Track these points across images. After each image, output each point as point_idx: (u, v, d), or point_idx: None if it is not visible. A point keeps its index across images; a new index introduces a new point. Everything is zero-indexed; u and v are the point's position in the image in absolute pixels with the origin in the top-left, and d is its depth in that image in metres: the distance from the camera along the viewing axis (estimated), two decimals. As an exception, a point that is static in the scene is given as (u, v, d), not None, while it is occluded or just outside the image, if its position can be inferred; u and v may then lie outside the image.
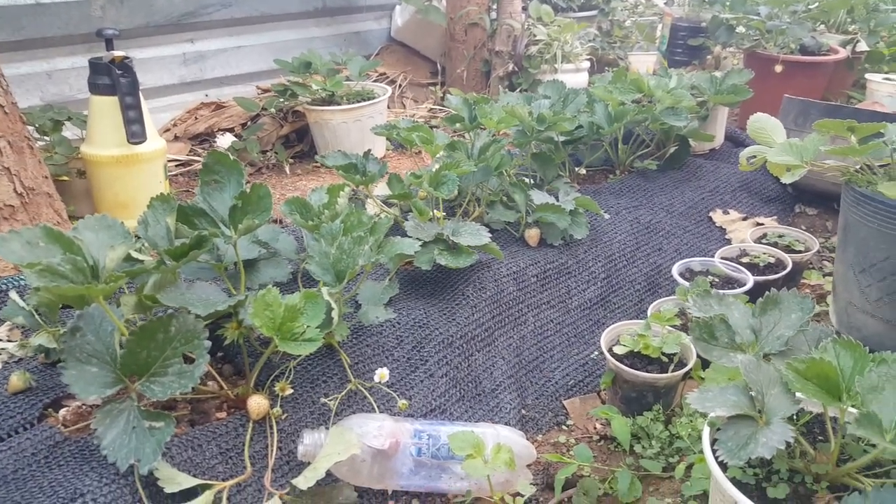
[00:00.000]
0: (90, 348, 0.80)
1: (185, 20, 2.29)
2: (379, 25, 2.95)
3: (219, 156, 0.97)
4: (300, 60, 2.14)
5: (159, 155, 1.59)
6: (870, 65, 2.68)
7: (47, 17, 1.97)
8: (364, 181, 1.34)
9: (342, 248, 0.97)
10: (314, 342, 0.87)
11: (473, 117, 1.59)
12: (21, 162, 1.24)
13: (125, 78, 1.47)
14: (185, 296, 0.88)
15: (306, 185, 2.04)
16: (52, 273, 0.71)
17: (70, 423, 0.91)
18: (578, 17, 3.05)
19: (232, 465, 0.90)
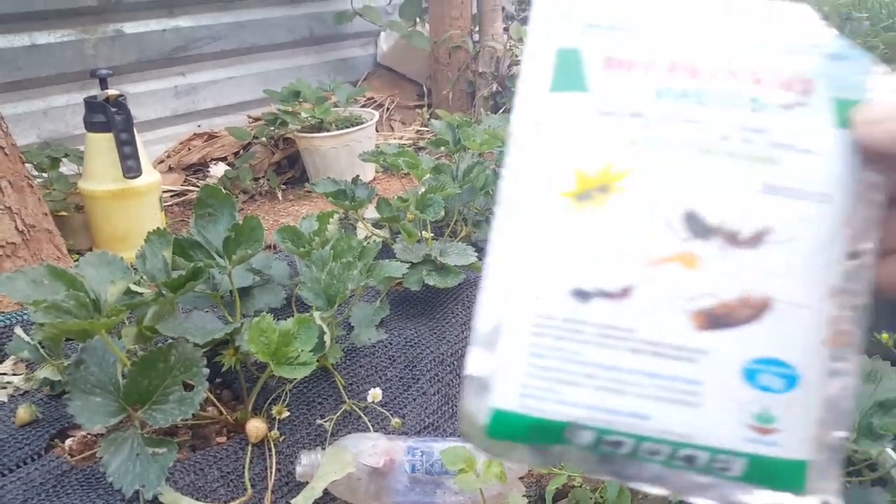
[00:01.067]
0: (94, 379, 0.84)
1: (176, 54, 2.35)
2: (365, 52, 3.02)
3: (211, 190, 1.01)
4: (289, 89, 2.20)
5: (155, 188, 1.64)
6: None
7: (42, 57, 2.02)
8: (353, 206, 1.38)
9: (332, 274, 1.01)
10: (308, 366, 0.91)
11: (458, 140, 1.64)
12: (21, 200, 1.28)
13: (119, 115, 1.52)
14: (183, 325, 0.92)
15: (299, 211, 2.09)
16: (57, 309, 0.75)
17: (76, 452, 0.95)
18: (560, 36, 3.12)
19: (233, 487, 0.93)
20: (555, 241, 0.28)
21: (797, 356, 0.27)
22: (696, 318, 0.27)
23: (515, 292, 0.28)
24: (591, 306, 0.27)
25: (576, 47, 0.29)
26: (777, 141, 0.28)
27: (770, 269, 0.27)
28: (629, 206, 0.28)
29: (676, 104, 0.28)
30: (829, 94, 0.28)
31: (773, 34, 0.29)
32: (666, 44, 0.29)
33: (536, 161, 0.29)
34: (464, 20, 2.70)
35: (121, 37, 2.20)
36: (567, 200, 0.28)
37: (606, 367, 0.27)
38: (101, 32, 2.16)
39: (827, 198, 0.27)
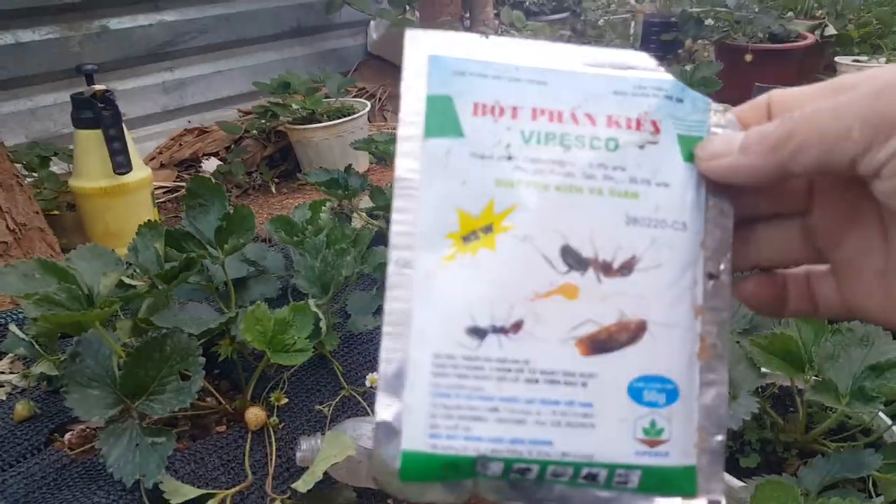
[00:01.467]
0: (90, 372, 0.84)
1: (164, 49, 2.34)
2: (355, 41, 3.01)
3: (202, 180, 1.01)
4: (279, 81, 2.19)
5: (146, 183, 1.64)
6: (840, 48, 2.74)
7: (28, 55, 2.01)
8: (346, 196, 1.38)
9: (326, 261, 1.02)
10: (305, 352, 0.91)
11: (449, 126, 1.64)
12: (12, 199, 1.28)
13: (107, 111, 1.51)
14: (178, 316, 0.93)
15: (293, 203, 2.08)
16: (50, 302, 0.75)
17: (76, 445, 0.95)
18: (551, 20, 3.11)
19: (234, 474, 0.93)
20: (446, 283, 0.29)
21: (674, 371, 0.30)
22: (581, 345, 0.29)
23: (414, 335, 0.29)
24: (486, 343, 0.29)
25: (447, 94, 0.30)
26: (635, 176, 0.30)
27: (642, 294, 0.30)
28: (512, 245, 0.29)
29: (543, 147, 0.30)
30: (675, 131, 0.31)
31: (622, 80, 0.31)
32: (528, 90, 0.31)
33: (421, 205, 0.30)
34: (454, 6, 2.69)
35: (106, 33, 2.19)
36: (453, 242, 0.30)
37: (507, 400, 0.29)
38: (86, 29, 2.14)
39: (683, 226, 0.30)
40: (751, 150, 0.28)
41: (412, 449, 0.29)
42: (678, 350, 0.30)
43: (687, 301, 0.30)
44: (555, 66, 0.31)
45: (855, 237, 0.31)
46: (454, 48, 0.31)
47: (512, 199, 0.30)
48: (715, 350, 0.30)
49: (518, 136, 0.30)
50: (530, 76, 0.31)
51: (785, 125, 0.27)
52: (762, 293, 0.34)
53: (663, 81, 0.31)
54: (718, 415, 0.30)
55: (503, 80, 0.31)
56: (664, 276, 0.30)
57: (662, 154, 0.31)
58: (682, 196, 0.30)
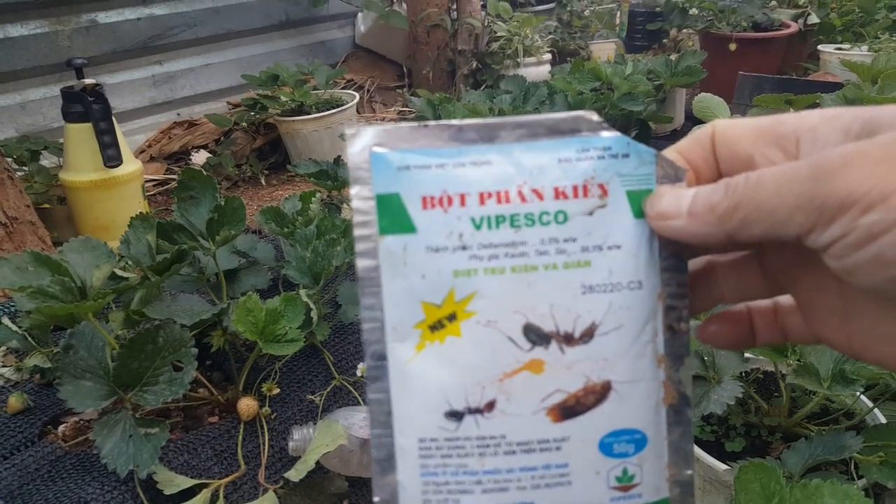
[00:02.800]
0: (83, 364, 0.85)
1: (152, 43, 2.33)
2: (343, 33, 3.00)
3: (193, 172, 1.01)
4: (267, 74, 2.19)
5: (136, 176, 1.64)
6: (823, 36, 2.76)
7: (16, 50, 2.00)
8: (335, 186, 1.39)
9: (317, 252, 1.02)
10: (296, 342, 0.92)
11: (438, 116, 1.65)
12: (3, 193, 1.28)
13: (97, 105, 1.51)
14: (170, 308, 0.93)
15: (283, 195, 2.09)
16: (43, 294, 0.76)
17: (69, 438, 0.96)
18: (537, 11, 3.11)
19: (227, 464, 0.94)
20: (420, 371, 0.31)
21: (641, 421, 0.32)
22: (552, 413, 0.31)
23: (398, 423, 0.32)
24: (465, 423, 0.31)
25: (395, 191, 0.31)
26: (586, 245, 0.31)
27: (605, 357, 0.31)
28: (476, 330, 0.31)
29: (494, 232, 0.31)
30: (623, 188, 0.31)
31: (566, 145, 0.31)
32: (473, 174, 0.31)
33: (386, 301, 0.31)
34: (440, -2, 2.69)
35: (95, 27, 2.18)
36: (421, 331, 0.31)
37: (489, 472, 0.31)
38: (75, 23, 2.13)
39: (638, 284, 0.31)
40: (698, 217, 0.28)
41: None
42: (644, 401, 0.31)
43: (649, 354, 0.31)
44: (499, 142, 0.31)
45: (810, 278, 0.31)
46: (395, 141, 0.32)
47: (471, 287, 0.31)
48: (679, 393, 0.32)
49: (469, 224, 0.31)
50: (474, 158, 0.31)
51: (730, 197, 0.27)
52: (726, 332, 0.35)
53: (607, 139, 0.31)
54: (686, 451, 0.32)
55: (447, 167, 0.31)
56: (625, 336, 0.31)
57: (612, 216, 0.31)
58: (635, 255, 0.31)
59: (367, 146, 0.31)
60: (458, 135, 0.32)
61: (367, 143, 0.31)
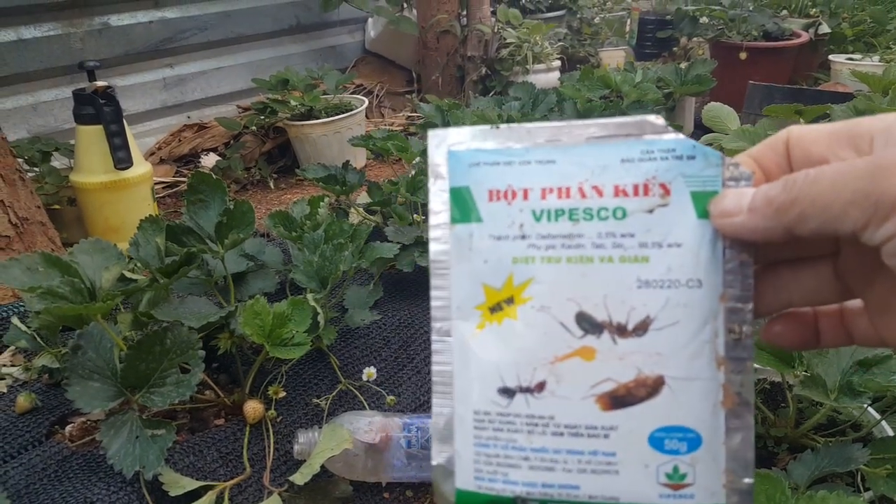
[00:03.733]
0: (91, 364, 0.85)
1: (164, 46, 2.35)
2: (353, 39, 3.01)
3: (202, 176, 1.02)
4: (277, 78, 2.20)
5: (146, 179, 1.65)
6: (834, 46, 2.75)
7: (29, 52, 2.02)
8: (344, 191, 1.39)
9: (324, 256, 1.03)
10: (303, 346, 0.92)
11: (447, 123, 1.65)
12: (14, 194, 1.29)
13: (108, 107, 1.52)
14: (178, 310, 0.94)
15: (291, 199, 2.09)
16: (53, 295, 0.76)
17: (76, 438, 0.96)
18: (547, 18, 3.12)
19: (232, 467, 0.95)
20: (479, 349, 0.34)
21: (696, 421, 0.32)
22: (601, 401, 0.32)
23: (457, 394, 0.34)
24: (516, 401, 0.33)
25: (466, 185, 0.34)
26: (644, 241, 0.32)
27: (659, 352, 0.32)
28: (531, 314, 0.33)
29: (553, 224, 0.33)
30: (688, 189, 0.32)
31: (629, 147, 0.33)
32: (537, 171, 0.34)
33: (453, 282, 0.35)
34: (451, 4, 2.70)
35: (107, 29, 2.19)
36: (481, 312, 0.34)
37: (537, 450, 0.33)
38: (88, 25, 2.15)
39: (698, 282, 0.32)
40: (757, 212, 0.29)
41: (463, 488, 0.34)
42: (699, 401, 0.32)
43: (707, 354, 0.32)
44: (563, 143, 0.33)
45: (885, 278, 0.30)
46: (469, 141, 0.35)
47: (528, 274, 0.33)
48: (739, 398, 0.31)
49: (529, 216, 0.33)
50: (539, 157, 0.34)
51: (788, 191, 0.28)
52: (791, 333, 0.34)
53: (671, 141, 0.32)
54: (745, 458, 0.32)
55: (514, 164, 0.34)
56: (681, 333, 0.31)
57: (674, 215, 0.32)
58: (695, 254, 0.32)
59: (444, 145, 0.35)
60: (526, 136, 0.34)
61: (444, 142, 0.35)
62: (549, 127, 0.34)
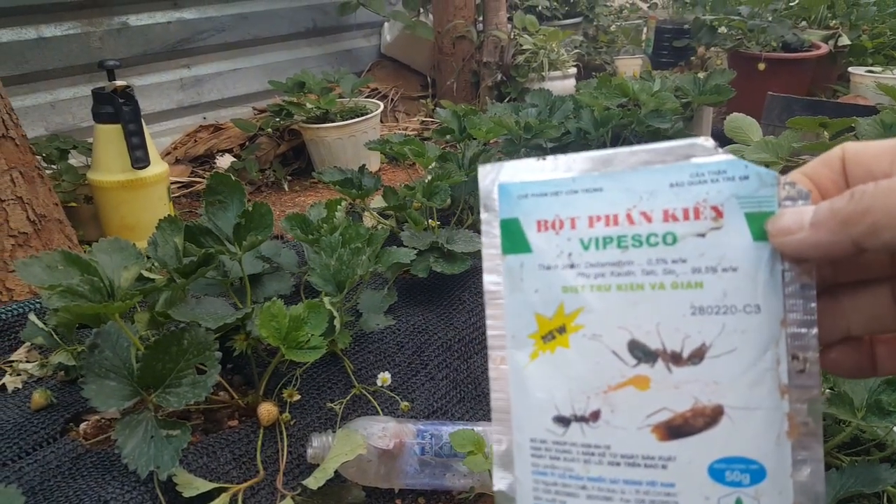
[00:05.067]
0: (108, 363, 0.85)
1: (181, 47, 2.36)
2: (369, 42, 3.02)
3: (221, 177, 1.02)
4: (294, 80, 2.20)
5: (163, 178, 1.65)
6: (853, 58, 2.73)
7: (49, 50, 2.03)
8: (360, 195, 1.39)
9: (341, 260, 1.02)
10: (319, 349, 0.92)
11: (463, 128, 1.64)
12: (33, 191, 1.29)
13: (127, 106, 1.53)
14: (195, 311, 0.94)
15: (305, 201, 2.10)
16: (73, 294, 0.76)
17: (91, 436, 0.96)
18: (563, 25, 3.11)
19: (245, 469, 0.94)
20: (533, 377, 0.34)
21: (759, 452, 0.31)
22: (658, 431, 0.31)
23: (515, 422, 0.34)
24: (571, 430, 0.33)
25: (515, 216, 0.35)
26: (698, 266, 0.31)
27: (716, 381, 0.31)
28: (582, 343, 0.33)
29: (601, 252, 0.33)
30: (742, 211, 0.31)
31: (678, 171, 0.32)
32: (584, 200, 0.34)
33: (507, 312, 0.35)
34: (468, 9, 2.70)
35: (126, 29, 2.21)
36: (535, 341, 0.34)
37: (594, 479, 0.32)
38: (107, 25, 2.16)
39: (756, 308, 0.30)
40: (822, 226, 0.28)
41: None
42: (762, 431, 0.30)
43: (769, 382, 0.30)
44: (610, 171, 0.33)
45: None
46: (518, 174, 0.35)
47: (578, 303, 0.33)
48: (806, 428, 0.30)
49: (577, 245, 0.33)
50: (586, 185, 0.33)
51: (857, 202, 0.27)
52: (847, 360, 0.33)
53: (722, 163, 0.31)
54: (815, 492, 0.30)
55: (561, 194, 0.34)
56: (739, 360, 0.30)
57: (728, 238, 0.31)
58: (752, 278, 0.31)
59: (495, 179, 0.36)
60: (573, 165, 0.34)
61: (495, 176, 0.36)
62: (595, 155, 0.34)
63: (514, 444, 0.34)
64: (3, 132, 1.26)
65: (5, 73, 1.94)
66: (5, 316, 1.20)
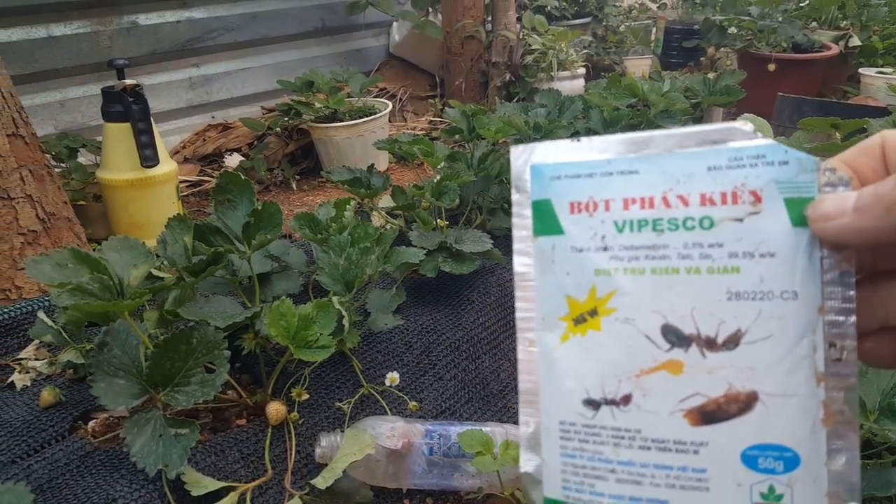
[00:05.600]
0: (117, 361, 0.85)
1: (191, 46, 2.36)
2: (377, 42, 3.02)
3: (231, 176, 1.02)
4: (302, 80, 2.20)
5: (172, 177, 1.65)
6: (864, 59, 2.72)
7: (59, 49, 2.04)
8: (368, 194, 1.39)
9: (350, 259, 1.02)
10: (327, 349, 0.92)
11: (472, 128, 1.64)
12: (42, 189, 1.30)
13: (137, 105, 1.53)
14: (203, 309, 0.93)
15: (313, 201, 2.10)
16: (82, 292, 0.76)
17: (99, 434, 0.96)
18: (572, 25, 3.10)
19: (253, 468, 0.94)
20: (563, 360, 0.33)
21: (793, 440, 0.30)
22: (689, 416, 0.31)
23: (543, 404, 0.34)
24: (601, 413, 0.33)
25: (547, 198, 0.34)
26: (735, 251, 0.31)
27: (751, 367, 0.30)
28: (615, 326, 0.32)
29: (636, 234, 0.32)
30: (781, 196, 0.30)
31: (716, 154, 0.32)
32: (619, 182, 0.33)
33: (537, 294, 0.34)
34: (476, 9, 2.70)
35: (136, 28, 2.21)
36: (566, 324, 0.33)
37: (624, 463, 0.32)
38: (117, 24, 2.17)
39: (793, 294, 0.30)
40: (866, 211, 0.27)
41: (551, 497, 0.34)
42: (797, 418, 0.30)
43: (805, 369, 0.30)
44: (646, 153, 0.33)
45: None
46: (551, 155, 0.35)
47: (611, 286, 0.32)
48: (842, 416, 0.30)
49: (611, 227, 0.33)
50: (622, 167, 0.33)
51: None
52: (883, 351, 0.32)
53: (762, 147, 0.31)
54: (850, 482, 0.30)
55: (595, 176, 0.33)
56: (775, 347, 0.30)
57: (766, 223, 0.30)
58: (790, 264, 0.30)
59: (527, 160, 0.35)
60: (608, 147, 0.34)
61: (527, 157, 0.35)
62: (631, 137, 0.33)
63: (542, 427, 0.34)
64: (14, 130, 1.26)
65: (15, 72, 1.95)
66: (14, 314, 1.20)
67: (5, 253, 1.24)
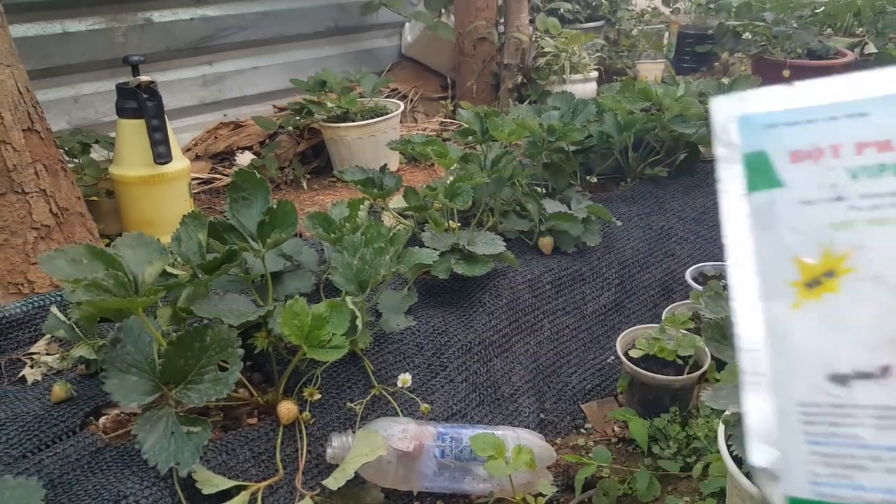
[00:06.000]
0: (130, 358, 0.85)
1: (204, 43, 2.37)
2: (390, 42, 3.02)
3: (246, 174, 1.02)
4: (315, 79, 2.20)
5: (184, 174, 1.65)
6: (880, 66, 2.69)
7: (73, 45, 2.05)
8: (381, 195, 1.38)
9: (364, 259, 1.02)
10: (340, 349, 0.91)
11: (485, 130, 1.63)
12: (56, 184, 1.30)
13: (151, 102, 1.53)
14: (217, 307, 0.93)
15: (324, 200, 2.09)
16: (98, 288, 0.76)
17: (110, 430, 0.96)
18: (585, 28, 3.09)
19: (264, 467, 0.94)
20: (798, 330, 0.29)
21: None
22: None
23: (774, 385, 0.29)
24: (854, 389, 0.28)
25: (761, 149, 0.31)
26: None
27: None
28: (859, 287, 0.28)
29: (875, 181, 0.28)
30: None
31: None
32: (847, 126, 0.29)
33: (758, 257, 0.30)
34: (489, 11, 2.69)
35: (150, 25, 2.22)
36: (797, 290, 0.29)
37: (891, 448, 0.27)
38: (131, 21, 2.17)
39: None
40: None
41: (797, 496, 0.29)
42: None
43: None
44: (875, 94, 0.30)
45: None
46: (761, 104, 0.32)
47: (851, 240, 0.29)
48: None
49: (844, 175, 0.29)
50: (847, 111, 0.30)
51: None
52: None
53: None
54: None
55: (817, 122, 0.30)
56: None
57: None
58: None
59: (734, 111, 0.32)
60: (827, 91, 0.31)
61: (734, 108, 0.32)
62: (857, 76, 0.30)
63: (775, 412, 0.29)
64: (29, 125, 1.27)
65: (30, 67, 1.95)
66: (26, 308, 1.20)
67: (18, 247, 1.24)
